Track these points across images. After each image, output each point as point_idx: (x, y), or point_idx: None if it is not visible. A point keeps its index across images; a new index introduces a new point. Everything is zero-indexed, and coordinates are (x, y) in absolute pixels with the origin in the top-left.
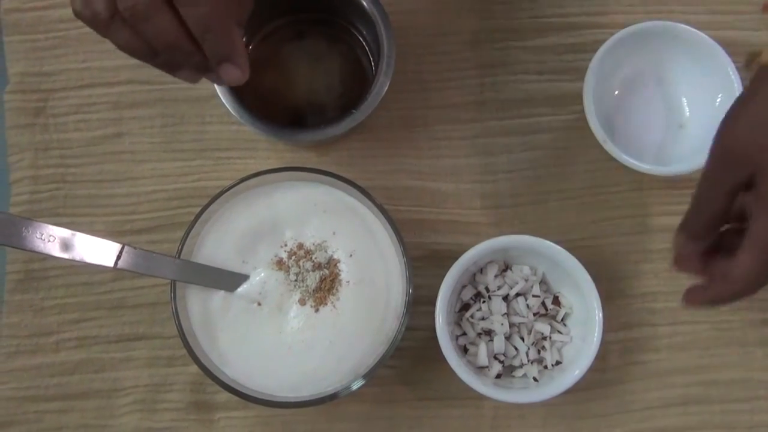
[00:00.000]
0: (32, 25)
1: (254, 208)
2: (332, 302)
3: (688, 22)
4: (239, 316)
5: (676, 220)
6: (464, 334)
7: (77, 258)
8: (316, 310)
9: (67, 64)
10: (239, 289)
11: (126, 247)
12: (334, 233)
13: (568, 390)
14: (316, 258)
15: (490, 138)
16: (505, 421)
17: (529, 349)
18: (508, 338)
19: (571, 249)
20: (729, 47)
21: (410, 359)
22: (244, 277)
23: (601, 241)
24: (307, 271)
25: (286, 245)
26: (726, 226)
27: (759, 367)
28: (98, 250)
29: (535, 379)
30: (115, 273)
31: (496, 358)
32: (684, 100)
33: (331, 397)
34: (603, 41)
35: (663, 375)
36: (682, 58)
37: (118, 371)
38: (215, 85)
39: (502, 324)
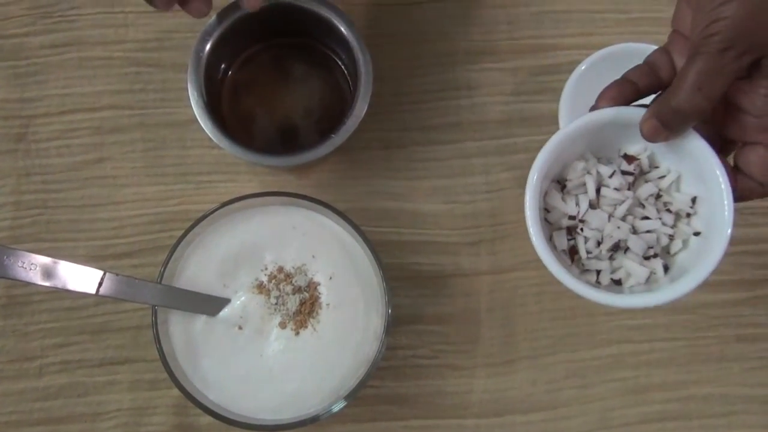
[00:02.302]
0: (13, 51)
1: (235, 232)
2: (312, 325)
3: (661, 44)
4: (221, 339)
5: None
6: (600, 271)
7: (59, 285)
8: (297, 333)
9: (48, 90)
10: (220, 313)
11: (107, 274)
12: (313, 256)
13: (549, 406)
14: (296, 281)
15: (468, 159)
16: None
17: (660, 216)
18: (635, 232)
19: None
20: None
21: (392, 379)
22: (225, 301)
23: None
24: (287, 294)
25: (266, 269)
26: None
27: (735, 383)
28: (80, 277)
29: (696, 234)
30: (97, 298)
31: (647, 257)
32: None
33: (313, 420)
34: (578, 62)
35: (642, 391)
36: None
37: (101, 395)
38: (194, 111)
39: (618, 227)
